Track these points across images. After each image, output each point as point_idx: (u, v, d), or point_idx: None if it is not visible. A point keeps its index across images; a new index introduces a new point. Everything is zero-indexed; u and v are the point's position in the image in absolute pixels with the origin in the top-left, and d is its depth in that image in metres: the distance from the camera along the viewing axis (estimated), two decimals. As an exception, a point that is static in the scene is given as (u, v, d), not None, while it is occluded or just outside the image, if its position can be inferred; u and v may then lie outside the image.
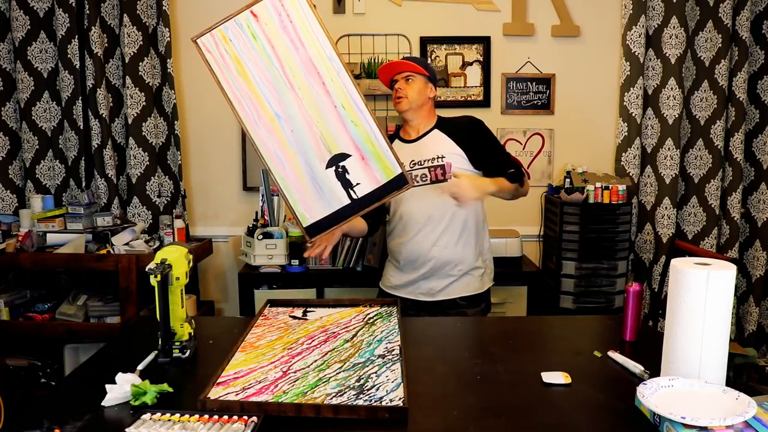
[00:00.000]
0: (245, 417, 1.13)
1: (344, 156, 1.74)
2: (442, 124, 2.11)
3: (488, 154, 2.07)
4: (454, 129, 2.08)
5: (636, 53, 3.00)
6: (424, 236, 2.06)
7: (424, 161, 2.03)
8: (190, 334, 1.50)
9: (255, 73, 1.71)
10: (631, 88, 3.03)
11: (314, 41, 1.69)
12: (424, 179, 2.02)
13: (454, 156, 2.02)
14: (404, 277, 2.14)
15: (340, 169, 1.75)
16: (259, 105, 1.73)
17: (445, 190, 1.98)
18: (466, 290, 2.11)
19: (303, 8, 1.68)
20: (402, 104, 2.05)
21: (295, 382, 1.29)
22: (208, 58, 1.72)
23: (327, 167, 1.75)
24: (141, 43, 2.94)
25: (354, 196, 1.76)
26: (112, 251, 2.67)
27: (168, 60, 2.95)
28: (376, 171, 1.75)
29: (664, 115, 3.03)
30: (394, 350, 1.47)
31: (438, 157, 2.01)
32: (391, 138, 2.16)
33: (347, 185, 1.76)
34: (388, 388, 1.26)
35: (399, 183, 1.75)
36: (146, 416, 1.14)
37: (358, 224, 2.13)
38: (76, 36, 2.90)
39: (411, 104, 2.05)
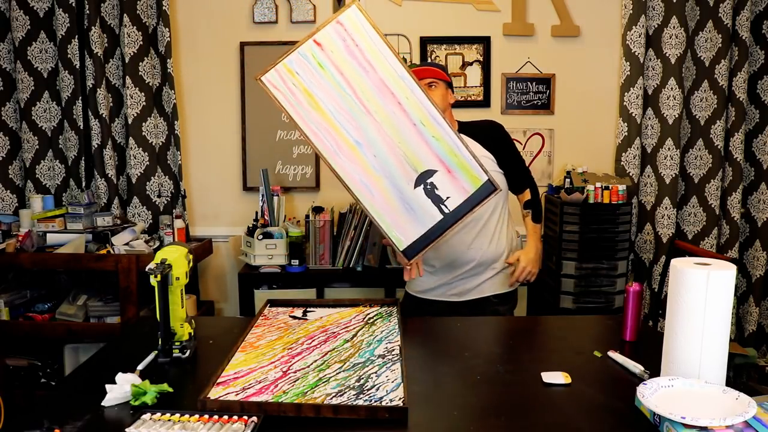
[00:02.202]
0: (245, 417, 1.13)
1: (431, 172, 1.73)
2: (465, 129, 2.10)
3: (511, 159, 2.12)
4: (479, 132, 2.09)
5: (636, 53, 3.00)
6: (458, 240, 2.05)
7: None
8: (190, 334, 1.50)
9: (327, 102, 1.68)
10: (631, 88, 3.03)
11: (383, 62, 1.67)
12: None
13: (484, 159, 2.01)
14: (438, 280, 2.13)
15: (428, 186, 1.74)
16: (337, 135, 1.70)
17: (516, 278, 2.08)
18: (499, 288, 2.13)
19: (367, 30, 1.67)
20: None
21: (295, 382, 1.29)
22: (276, 95, 1.69)
23: (415, 186, 1.73)
24: (141, 43, 2.94)
25: (446, 210, 1.75)
26: (112, 251, 2.67)
27: (168, 60, 2.95)
28: (464, 182, 1.74)
29: (664, 115, 3.03)
30: (394, 350, 1.47)
31: None
32: None
33: (438, 201, 1.75)
34: (388, 388, 1.26)
35: (488, 189, 1.75)
36: (146, 416, 1.14)
37: None
38: (76, 36, 2.90)
39: None
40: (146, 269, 1.39)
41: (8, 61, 2.96)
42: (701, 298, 1.19)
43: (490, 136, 2.09)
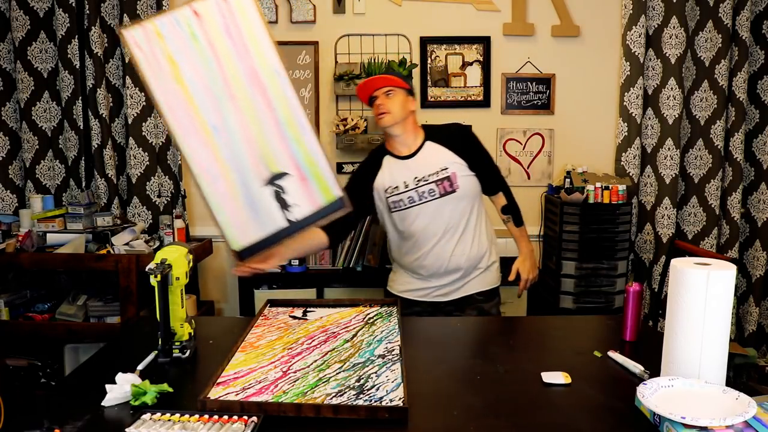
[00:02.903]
0: (245, 417, 1.13)
1: (283, 175, 1.62)
2: (433, 135, 2.07)
3: (482, 162, 2.09)
4: (447, 137, 2.06)
5: (636, 53, 3.00)
6: (441, 248, 2.05)
7: (429, 176, 2.00)
8: (190, 334, 1.50)
9: (191, 78, 1.54)
10: (631, 88, 3.03)
11: (260, 52, 1.55)
12: (432, 194, 2.00)
13: (456, 165, 2.01)
14: (425, 284, 2.12)
15: (277, 189, 1.63)
16: (193, 113, 1.56)
17: (522, 289, 2.14)
18: (484, 285, 2.12)
19: (250, 14, 1.55)
20: (385, 120, 1.98)
21: (295, 382, 1.29)
22: (137, 54, 1.53)
23: (264, 186, 1.61)
24: (141, 43, 2.94)
25: (291, 218, 1.63)
26: (112, 251, 2.67)
27: (168, 60, 2.95)
28: (316, 193, 1.63)
29: (664, 115, 3.03)
30: (394, 350, 1.47)
31: (441, 170, 2.00)
32: (379, 153, 2.10)
33: (284, 206, 1.63)
34: (388, 388, 1.26)
35: (337, 206, 1.65)
36: (146, 416, 1.14)
37: (313, 241, 2.02)
38: (76, 36, 2.90)
39: (394, 118, 1.98)
40: (146, 269, 1.39)
41: (8, 61, 2.96)
42: (701, 298, 1.19)
43: (460, 141, 2.06)
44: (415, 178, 2.01)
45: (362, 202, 2.09)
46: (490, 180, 2.13)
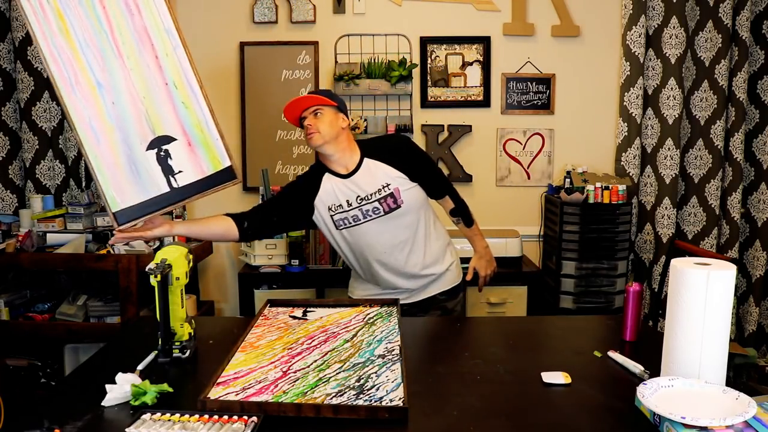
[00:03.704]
0: (245, 417, 1.13)
1: (169, 139, 1.59)
2: (370, 151, 1.99)
3: (422, 171, 2.02)
4: (385, 152, 1.99)
5: (636, 53, 3.00)
6: (393, 262, 2.01)
7: (371, 195, 1.94)
8: (190, 334, 1.50)
9: (79, 32, 1.54)
10: (631, 88, 3.03)
11: (152, 10, 1.55)
12: (377, 212, 1.94)
13: (397, 179, 1.95)
14: (384, 291, 2.09)
15: (162, 153, 1.60)
16: (79, 68, 1.55)
17: (481, 285, 2.19)
18: (444, 285, 2.11)
19: None
20: (315, 139, 1.91)
21: (295, 382, 1.29)
22: (24, 5, 1.52)
23: (148, 149, 1.59)
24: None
25: (174, 185, 1.61)
26: (112, 251, 2.67)
27: (168, 60, 2.95)
28: (203, 160, 1.62)
29: (664, 115, 3.03)
30: (394, 350, 1.47)
31: (383, 187, 1.94)
32: (319, 170, 2.01)
33: (168, 171, 1.60)
34: (388, 388, 1.26)
35: (226, 176, 1.64)
36: (146, 416, 1.14)
37: (218, 228, 1.97)
38: (76, 36, 2.90)
39: (324, 138, 1.91)
40: (146, 269, 1.39)
41: (8, 61, 2.96)
42: (701, 298, 1.19)
43: (397, 155, 1.99)
44: (358, 197, 1.95)
45: (294, 214, 2.02)
46: (434, 186, 2.07)
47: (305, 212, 2.01)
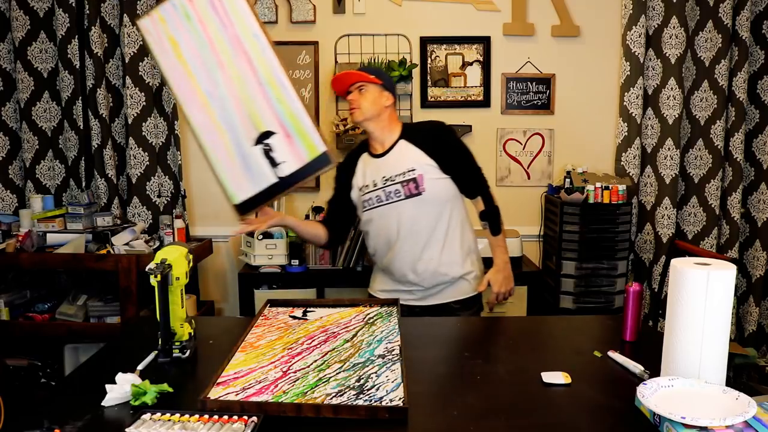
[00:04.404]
0: (245, 417, 1.13)
1: (270, 133, 1.74)
2: (409, 133, 2.01)
3: (457, 163, 2.00)
4: (421, 137, 1.99)
5: (636, 53, 3.00)
6: (408, 250, 2.00)
7: (396, 176, 1.95)
8: (190, 334, 1.50)
9: (188, 52, 1.74)
10: (631, 88, 3.03)
11: (241, 19, 1.71)
12: (398, 195, 1.95)
13: (426, 167, 1.95)
14: (398, 286, 2.09)
15: (266, 147, 1.75)
16: (192, 83, 1.75)
17: (491, 303, 2.07)
18: (459, 294, 2.07)
19: None
20: (355, 115, 1.97)
21: (295, 382, 1.29)
22: (148, 39, 1.77)
23: (254, 145, 1.75)
24: (141, 42, 2.94)
25: (280, 175, 1.76)
26: (112, 251, 2.67)
27: (168, 60, 2.95)
28: (301, 149, 1.74)
29: (664, 115, 3.03)
30: (394, 350, 1.47)
31: (408, 170, 1.95)
32: (357, 152, 2.11)
33: (273, 163, 1.75)
34: (388, 388, 1.26)
35: (323, 161, 1.74)
36: (146, 416, 1.14)
37: (310, 227, 2.12)
38: (76, 36, 2.90)
39: (364, 114, 1.96)
40: (146, 269, 1.39)
41: (8, 61, 2.96)
42: (701, 298, 1.19)
43: (432, 141, 1.98)
44: (383, 177, 1.97)
45: (349, 204, 2.10)
46: (468, 182, 2.04)
47: (350, 197, 2.10)
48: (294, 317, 1.76)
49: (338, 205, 2.13)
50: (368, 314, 1.76)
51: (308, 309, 1.82)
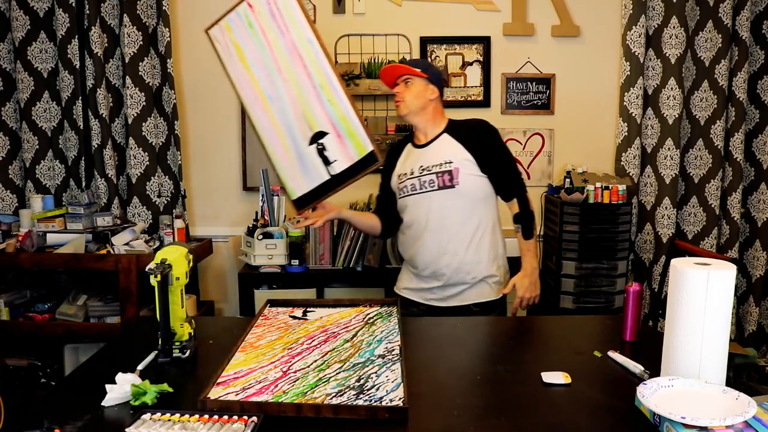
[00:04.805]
0: (245, 417, 1.13)
1: (323, 134, 1.85)
2: (453, 128, 2.06)
3: (496, 162, 2.03)
4: (464, 133, 2.03)
5: (636, 53, 3.00)
6: (434, 242, 2.02)
7: (432, 166, 1.99)
8: (190, 334, 1.50)
9: (251, 58, 1.87)
10: (631, 88, 3.03)
11: (297, 26, 1.81)
12: (432, 185, 1.99)
13: (464, 162, 1.98)
14: (421, 283, 2.11)
15: (320, 146, 1.86)
16: (255, 87, 1.88)
17: (515, 309, 2.06)
18: (480, 297, 2.07)
19: None
20: (400, 108, 2.03)
21: (295, 382, 1.29)
22: (217, 47, 1.93)
23: (309, 144, 1.85)
24: (141, 43, 2.94)
25: (333, 172, 1.88)
26: (112, 251, 2.67)
27: (168, 60, 2.95)
28: (350, 148, 1.84)
29: (664, 115, 3.03)
30: (394, 350, 1.47)
31: (446, 162, 1.99)
32: (403, 141, 2.19)
33: (326, 162, 1.87)
34: (388, 388, 1.26)
35: (370, 160, 1.84)
36: (146, 416, 1.14)
37: (366, 219, 2.21)
38: (76, 36, 2.90)
39: (409, 108, 2.01)
40: (146, 269, 1.39)
41: (8, 61, 2.96)
42: (701, 298, 1.19)
43: (474, 138, 2.01)
44: (420, 166, 2.02)
45: (391, 192, 2.18)
46: (505, 184, 2.06)
47: (390, 182, 2.18)
48: (294, 317, 1.76)
49: (384, 195, 2.21)
50: (368, 314, 1.76)
51: (308, 309, 1.82)
